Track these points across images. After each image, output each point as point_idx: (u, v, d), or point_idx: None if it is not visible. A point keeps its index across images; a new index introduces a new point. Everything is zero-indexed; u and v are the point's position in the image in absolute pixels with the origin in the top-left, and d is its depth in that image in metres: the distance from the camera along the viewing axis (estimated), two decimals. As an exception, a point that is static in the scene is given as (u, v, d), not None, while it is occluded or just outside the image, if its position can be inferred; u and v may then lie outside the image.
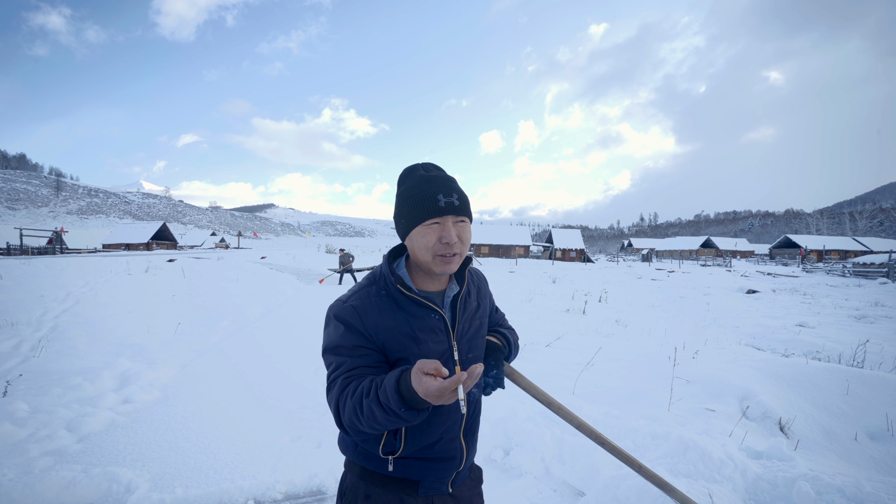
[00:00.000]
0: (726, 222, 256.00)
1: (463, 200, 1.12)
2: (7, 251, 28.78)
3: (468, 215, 1.13)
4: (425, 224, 1.08)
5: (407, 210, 1.11)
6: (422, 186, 1.10)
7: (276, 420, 3.54)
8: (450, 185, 1.11)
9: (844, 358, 5.40)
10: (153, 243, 56.26)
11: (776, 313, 10.66)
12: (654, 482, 1.60)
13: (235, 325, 7.15)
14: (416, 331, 1.12)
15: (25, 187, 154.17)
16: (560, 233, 62.51)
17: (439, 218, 1.08)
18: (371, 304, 1.11)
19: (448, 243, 1.08)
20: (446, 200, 1.08)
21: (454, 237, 1.08)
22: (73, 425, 3.21)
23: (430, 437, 1.14)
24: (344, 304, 1.12)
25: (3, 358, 4.55)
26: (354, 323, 1.08)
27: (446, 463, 1.17)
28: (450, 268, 1.11)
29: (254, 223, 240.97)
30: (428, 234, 1.08)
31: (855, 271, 26.97)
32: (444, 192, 1.09)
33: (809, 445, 3.07)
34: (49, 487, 2.45)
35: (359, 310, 1.10)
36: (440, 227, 1.08)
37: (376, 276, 1.19)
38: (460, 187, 1.14)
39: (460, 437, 1.19)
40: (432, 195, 1.08)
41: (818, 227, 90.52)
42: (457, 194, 1.11)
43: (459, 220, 1.11)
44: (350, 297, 1.14)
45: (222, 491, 2.53)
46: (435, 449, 1.15)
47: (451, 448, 1.17)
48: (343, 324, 1.09)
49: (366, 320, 1.09)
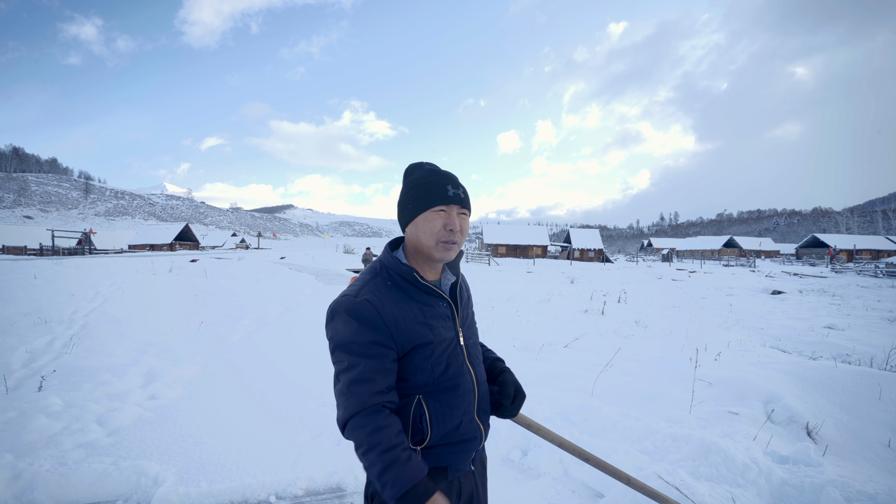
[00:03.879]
0: (750, 221, 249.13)
1: (467, 195, 1.22)
2: (40, 252, 29.95)
3: (470, 210, 1.22)
4: (433, 210, 1.15)
5: (416, 196, 1.17)
6: (431, 177, 1.18)
7: (296, 417, 3.60)
8: (457, 180, 1.21)
9: (877, 361, 5.21)
10: (176, 244, 57.75)
11: (803, 315, 10.34)
12: (645, 493, 1.57)
13: (256, 324, 7.29)
14: (429, 318, 1.17)
15: (57, 190, 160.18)
16: (578, 232, 61.83)
17: (446, 206, 1.16)
18: (385, 296, 1.13)
19: (452, 230, 1.15)
20: (454, 191, 1.17)
21: (458, 225, 1.16)
22: (104, 420, 3.33)
23: (452, 421, 1.17)
24: (356, 298, 1.12)
25: (38, 354, 4.75)
26: (370, 317, 1.09)
27: (469, 444, 1.21)
28: (449, 255, 1.17)
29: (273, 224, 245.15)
30: (435, 220, 1.15)
31: (888, 272, 25.95)
32: (453, 185, 1.18)
33: (839, 451, 2.98)
34: (82, 479, 2.55)
35: (375, 304, 1.11)
36: (446, 214, 1.16)
37: (378, 268, 1.22)
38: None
39: (475, 417, 1.23)
40: (442, 185, 1.17)
41: (848, 225, 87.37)
42: (462, 189, 1.20)
43: (462, 212, 1.19)
44: (361, 291, 1.14)
45: (245, 486, 2.59)
46: (458, 432, 1.18)
47: (472, 428, 1.21)
48: (356, 319, 1.09)
49: (383, 312, 1.10)
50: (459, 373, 1.19)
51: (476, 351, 1.30)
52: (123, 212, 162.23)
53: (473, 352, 1.28)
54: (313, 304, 9.78)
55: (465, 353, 1.24)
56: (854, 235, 66.66)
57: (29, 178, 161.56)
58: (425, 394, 1.15)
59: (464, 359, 1.22)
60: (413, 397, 1.14)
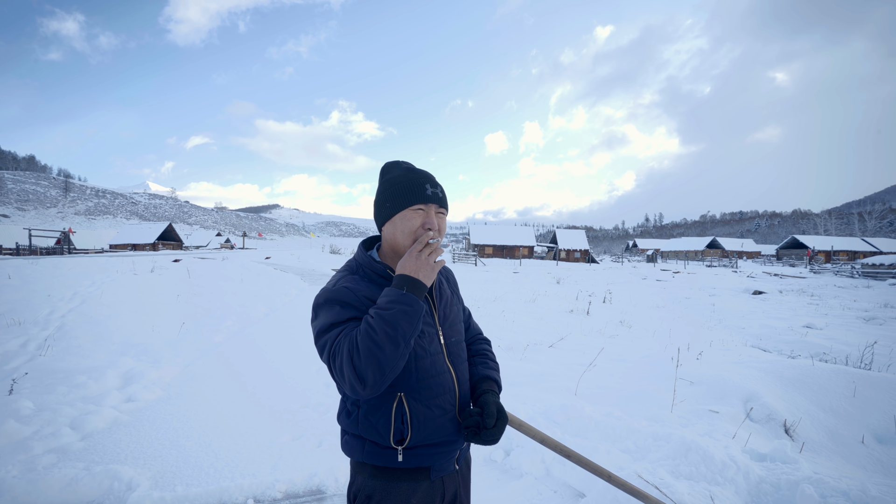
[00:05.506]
0: (732, 223, 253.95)
1: (444, 194, 1.22)
2: (16, 251, 29.10)
3: (447, 209, 1.23)
4: (411, 209, 1.16)
5: (394, 195, 1.17)
6: (409, 176, 1.19)
7: (277, 419, 3.55)
8: (434, 179, 1.21)
9: (852, 360, 5.33)
10: (159, 244, 56.67)
11: (783, 314, 10.56)
12: (626, 490, 1.58)
13: (239, 325, 7.18)
14: None
15: (35, 188, 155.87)
16: (564, 233, 62.31)
17: (425, 205, 1.17)
18: (362, 284, 1.17)
19: (430, 229, 1.15)
20: (433, 190, 1.18)
21: (436, 224, 1.17)
22: (77, 423, 3.23)
23: (433, 421, 1.16)
24: (334, 287, 1.16)
25: (10, 356, 4.59)
26: (349, 299, 1.12)
27: (451, 444, 1.21)
28: None
29: (259, 224, 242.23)
30: (413, 219, 1.16)
31: (864, 272, 26.68)
32: (431, 184, 1.19)
33: (815, 448, 3.03)
34: (51, 485, 2.46)
35: (352, 288, 1.14)
36: (425, 213, 1.17)
37: (353, 266, 1.24)
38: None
39: (457, 416, 1.22)
40: (420, 183, 1.17)
41: (826, 227, 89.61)
42: (440, 188, 1.21)
43: (440, 211, 1.20)
44: (339, 282, 1.17)
45: (222, 489, 2.53)
46: (440, 432, 1.17)
47: (453, 429, 1.20)
48: (337, 303, 1.12)
49: (359, 294, 1.14)
50: (440, 371, 1.19)
51: (459, 350, 1.29)
52: (105, 211, 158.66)
53: (455, 350, 1.27)
54: (298, 305, 9.67)
55: (445, 352, 1.23)
56: (832, 237, 68.36)
57: (5, 175, 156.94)
58: (406, 391, 1.14)
59: (444, 357, 1.21)
60: (395, 395, 1.14)
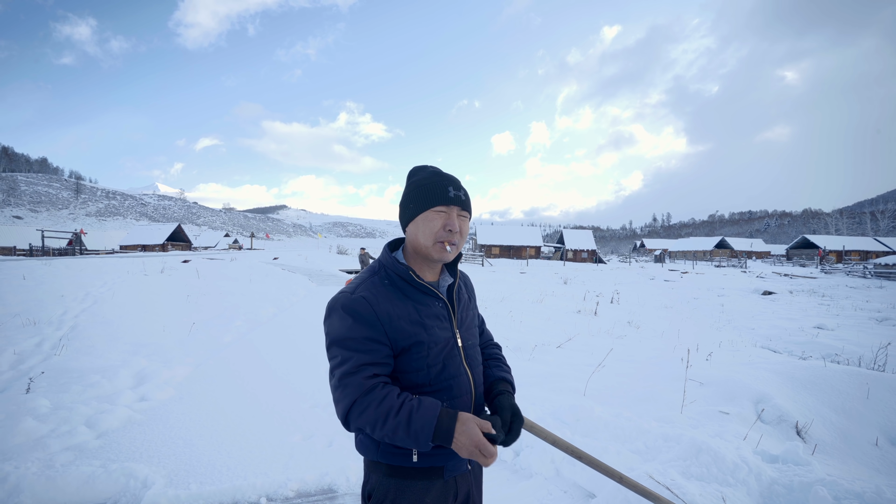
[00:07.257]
0: (741, 222, 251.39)
1: (468, 198, 1.23)
2: (30, 252, 29.55)
3: (470, 213, 1.23)
4: (434, 210, 1.17)
5: (418, 196, 1.19)
6: (434, 179, 1.20)
7: (288, 419, 3.58)
8: (458, 182, 1.22)
9: (865, 361, 5.27)
10: (168, 244, 57.29)
11: (793, 315, 10.45)
12: (637, 491, 1.58)
13: (248, 326, 7.24)
14: (424, 317, 1.18)
15: (47, 190, 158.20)
16: (571, 233, 62.05)
17: (447, 207, 1.18)
18: (381, 293, 1.16)
19: (451, 231, 1.17)
20: (455, 193, 1.19)
21: (457, 226, 1.18)
22: (92, 422, 3.29)
23: None
24: (352, 295, 1.14)
25: (27, 356, 4.68)
26: (365, 314, 1.11)
27: None
28: (447, 255, 1.19)
29: (266, 224, 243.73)
30: (435, 220, 1.17)
31: (877, 272, 26.30)
32: (454, 186, 1.20)
33: (827, 450, 3.01)
34: (70, 482, 2.51)
35: (370, 300, 1.13)
36: (446, 215, 1.18)
37: (376, 267, 1.24)
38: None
39: None
40: (444, 186, 1.19)
41: (837, 227, 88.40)
42: (464, 191, 1.22)
43: (462, 214, 1.21)
44: (358, 288, 1.17)
45: (236, 488, 2.57)
46: None
47: None
48: (351, 315, 1.12)
49: (378, 309, 1.13)
50: (455, 374, 1.20)
51: (475, 353, 1.31)
52: (115, 212, 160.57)
53: (472, 353, 1.29)
54: (306, 305, 9.73)
55: (463, 355, 1.24)
56: (843, 236, 67.45)
57: (18, 177, 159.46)
58: (424, 392, 1.15)
59: (461, 360, 1.23)
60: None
